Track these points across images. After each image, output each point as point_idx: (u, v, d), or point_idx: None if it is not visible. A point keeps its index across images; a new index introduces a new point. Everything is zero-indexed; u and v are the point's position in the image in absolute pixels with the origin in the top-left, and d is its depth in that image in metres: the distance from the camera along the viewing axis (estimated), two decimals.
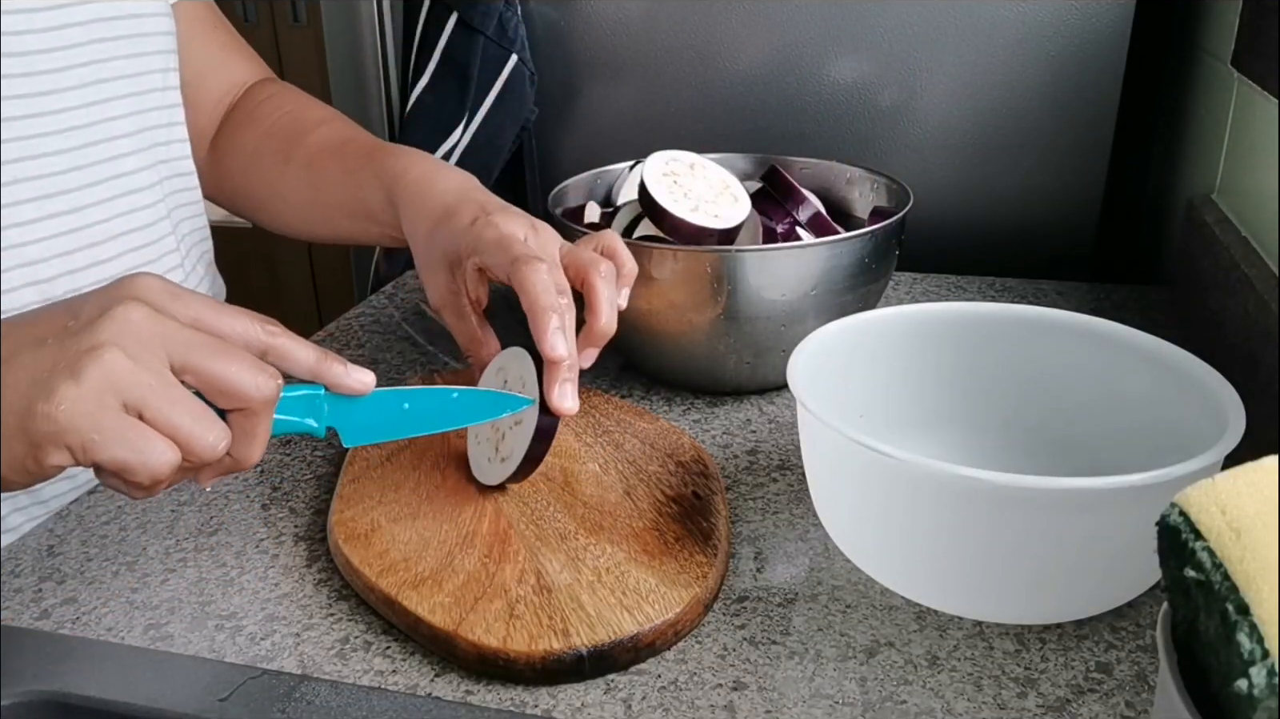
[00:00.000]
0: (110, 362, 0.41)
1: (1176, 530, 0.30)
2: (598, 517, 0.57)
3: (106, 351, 0.41)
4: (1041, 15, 0.94)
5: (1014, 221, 1.02)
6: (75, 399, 0.41)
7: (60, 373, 0.41)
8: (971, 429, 0.63)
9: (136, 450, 0.42)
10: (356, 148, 0.72)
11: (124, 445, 0.42)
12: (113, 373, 0.41)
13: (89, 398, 0.41)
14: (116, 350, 0.42)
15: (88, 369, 0.41)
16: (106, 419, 0.41)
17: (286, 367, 0.47)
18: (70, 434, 0.41)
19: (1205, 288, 0.78)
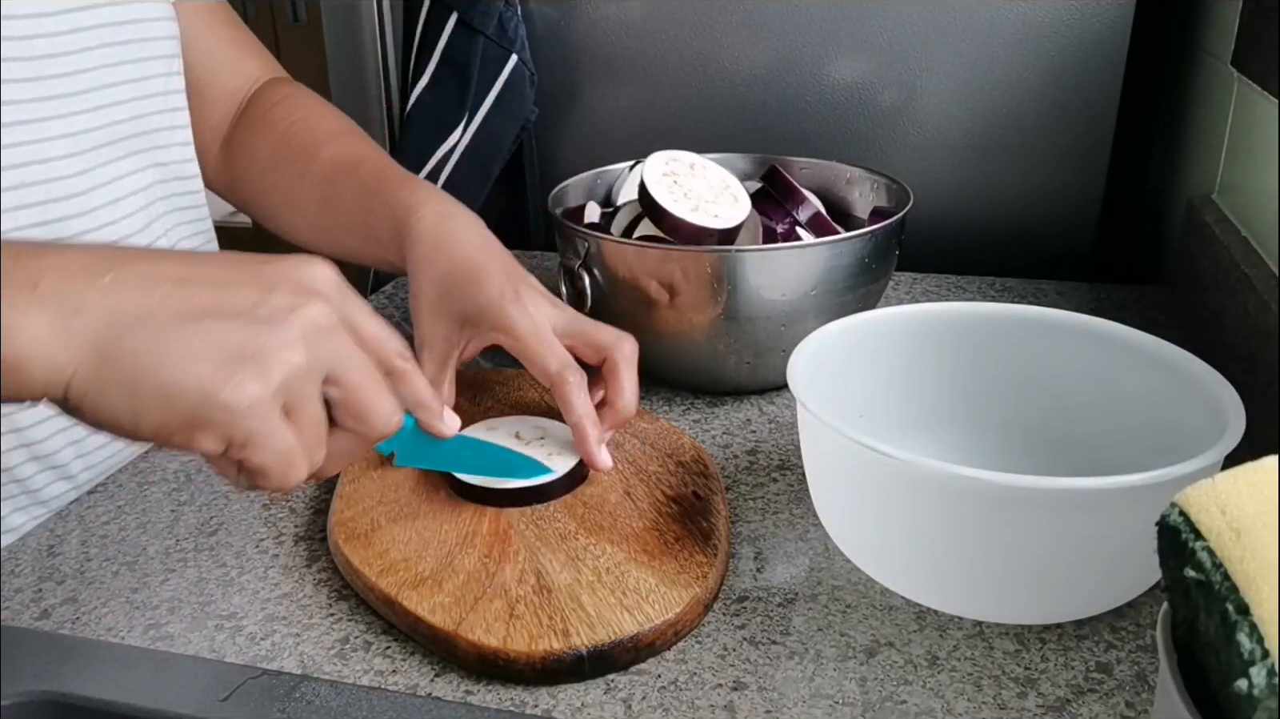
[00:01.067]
0: (295, 367, 0.41)
1: (1176, 530, 0.30)
2: (598, 517, 0.57)
3: (294, 354, 0.41)
4: (1041, 15, 0.94)
5: (1014, 221, 1.02)
6: (259, 399, 0.40)
7: (249, 364, 0.40)
8: (971, 429, 0.63)
9: (286, 463, 0.42)
10: (370, 170, 0.72)
11: (278, 455, 0.41)
12: (294, 379, 0.41)
13: (270, 400, 0.40)
14: (301, 354, 0.41)
15: (276, 370, 0.40)
16: (273, 423, 0.41)
17: (400, 392, 0.48)
18: (240, 430, 0.40)
19: (1205, 288, 0.78)
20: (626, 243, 0.70)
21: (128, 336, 0.39)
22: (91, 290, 0.40)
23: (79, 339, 0.39)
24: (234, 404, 0.39)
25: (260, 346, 0.40)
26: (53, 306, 0.39)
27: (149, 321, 0.40)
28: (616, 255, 0.70)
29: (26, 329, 0.38)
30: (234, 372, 0.40)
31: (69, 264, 0.40)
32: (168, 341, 0.39)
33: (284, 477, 0.42)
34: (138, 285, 0.40)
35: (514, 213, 1.13)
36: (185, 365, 0.39)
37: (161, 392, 0.39)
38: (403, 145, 1.03)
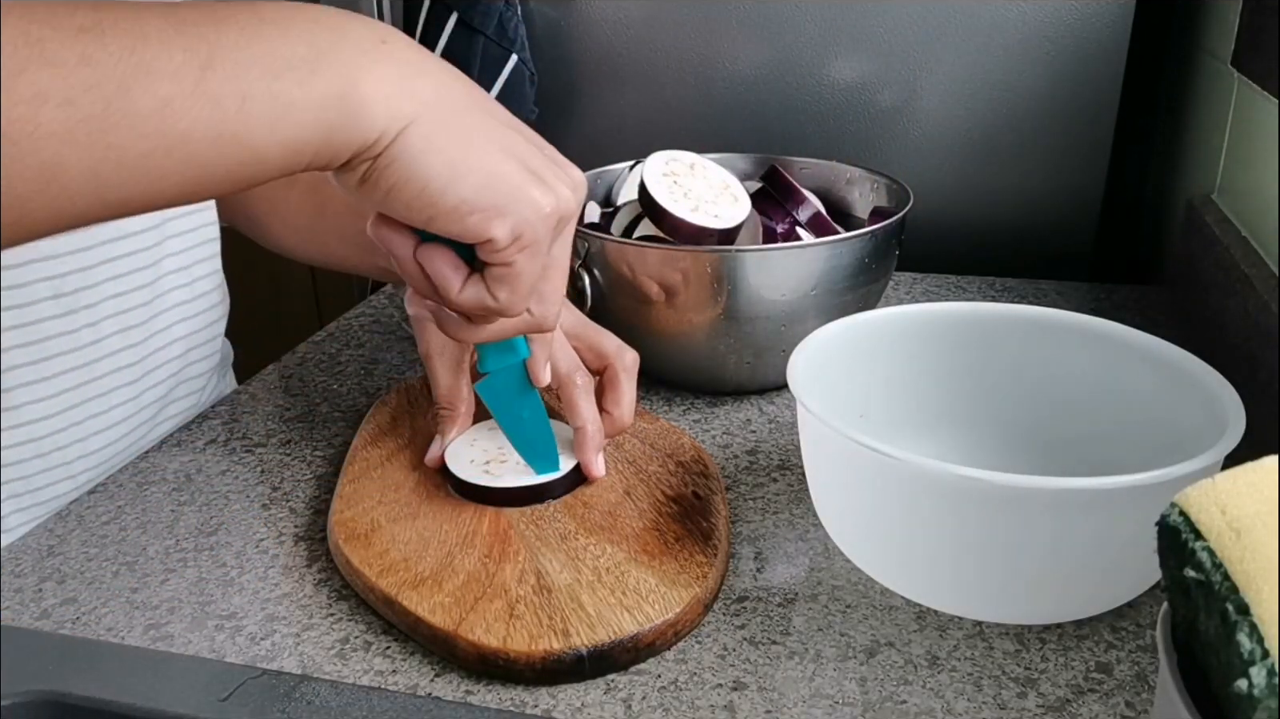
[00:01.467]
0: (568, 209, 0.45)
1: (1176, 530, 0.30)
2: (598, 517, 0.57)
3: (569, 199, 0.45)
4: (1041, 15, 0.94)
5: (1014, 221, 1.02)
6: (553, 211, 0.44)
7: (546, 185, 0.44)
8: (971, 429, 0.63)
9: (530, 286, 0.46)
10: None
11: (533, 274, 0.46)
12: (562, 219, 0.46)
13: (553, 219, 0.45)
14: (571, 206, 0.46)
15: (560, 204, 0.45)
16: (546, 241, 0.45)
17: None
18: (531, 231, 0.44)
19: (1205, 288, 0.78)
20: (626, 243, 0.70)
21: (463, 114, 0.43)
22: (431, 63, 0.43)
23: (420, 98, 0.41)
24: (540, 203, 0.43)
25: (554, 178, 0.45)
26: (400, 63, 0.42)
27: (476, 112, 0.44)
28: (616, 255, 0.70)
29: (375, 74, 0.41)
30: (539, 181, 0.44)
31: (408, 39, 0.43)
32: (492, 132, 0.43)
33: (521, 299, 0.46)
34: (463, 82, 0.44)
35: None
36: (504, 158, 0.43)
37: (484, 170, 0.42)
38: None
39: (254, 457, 0.69)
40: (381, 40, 0.42)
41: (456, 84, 0.44)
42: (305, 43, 0.40)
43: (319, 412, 0.75)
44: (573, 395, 0.59)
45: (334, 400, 0.77)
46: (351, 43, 0.41)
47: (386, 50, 0.41)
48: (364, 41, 0.41)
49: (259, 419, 0.74)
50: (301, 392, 0.78)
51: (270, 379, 0.81)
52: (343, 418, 0.74)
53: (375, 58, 0.41)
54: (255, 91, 0.38)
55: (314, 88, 0.39)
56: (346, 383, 0.80)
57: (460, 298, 0.46)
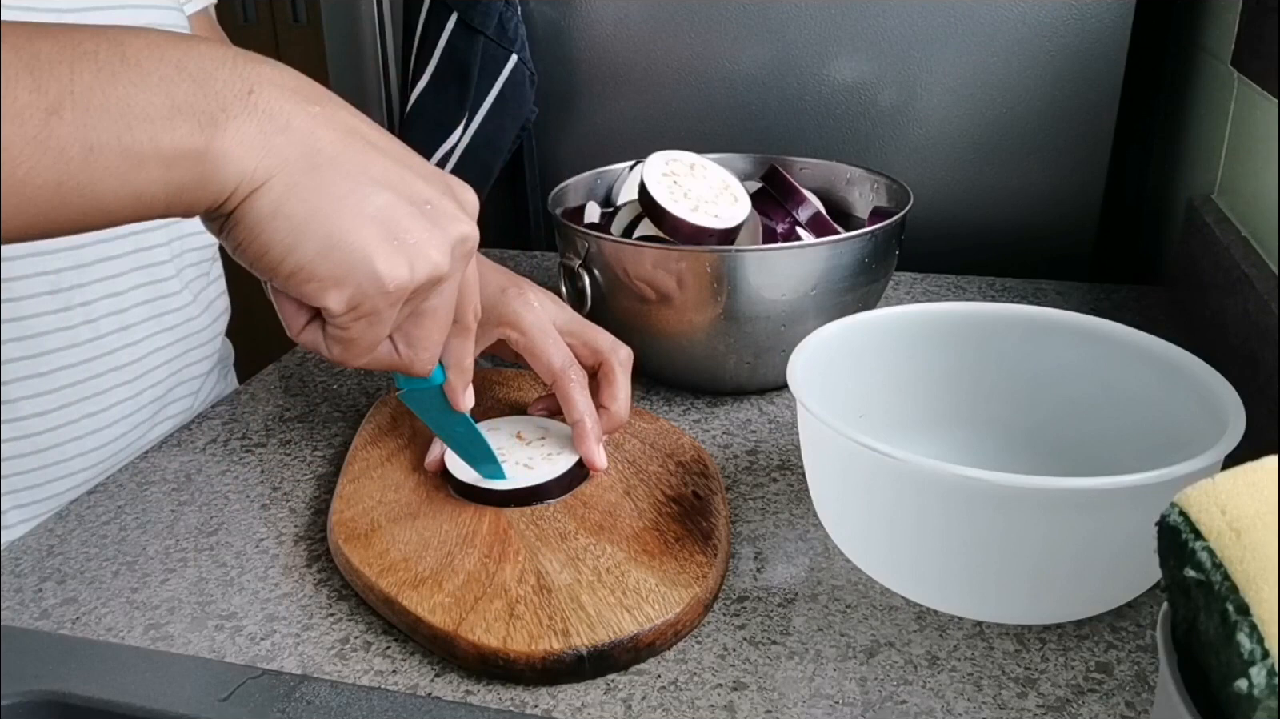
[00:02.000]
0: (436, 272, 0.43)
1: (1176, 530, 0.30)
2: (598, 517, 0.57)
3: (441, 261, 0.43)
4: (1041, 15, 0.94)
5: (1014, 221, 1.02)
6: (403, 285, 0.42)
7: (408, 250, 0.42)
8: (971, 429, 0.63)
9: (372, 348, 0.44)
10: None
11: (375, 340, 0.44)
12: (427, 283, 0.43)
13: (408, 290, 0.42)
14: (445, 265, 0.43)
15: (423, 267, 0.42)
16: (394, 311, 0.43)
17: (452, 343, 0.51)
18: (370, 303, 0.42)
19: (1205, 288, 0.78)
20: (626, 243, 0.70)
21: (322, 171, 0.40)
22: (300, 115, 0.40)
23: (275, 156, 0.39)
24: (382, 277, 0.41)
25: (421, 240, 0.42)
26: (263, 117, 0.39)
27: (340, 168, 0.41)
28: (616, 255, 0.70)
29: (235, 131, 0.39)
30: (394, 250, 0.41)
31: (285, 81, 0.41)
32: (350, 194, 0.41)
33: (354, 360, 0.44)
34: (339, 129, 0.41)
35: (514, 213, 1.13)
36: (357, 224, 0.41)
37: (328, 237, 0.40)
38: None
39: (254, 457, 0.69)
40: (248, 91, 0.39)
41: (327, 134, 0.41)
42: (163, 92, 0.38)
43: (319, 412, 0.75)
44: (567, 390, 0.59)
45: (334, 400, 0.77)
46: (213, 95, 0.38)
47: (251, 103, 0.39)
48: (226, 93, 0.39)
49: (259, 419, 0.74)
50: (301, 392, 0.78)
51: (270, 379, 0.81)
52: (343, 418, 0.74)
53: (234, 112, 0.39)
54: (103, 143, 0.36)
55: (165, 144, 0.37)
56: (346, 383, 0.80)
57: (299, 338, 0.45)
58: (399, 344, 0.46)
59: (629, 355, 0.63)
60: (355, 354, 0.44)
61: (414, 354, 0.47)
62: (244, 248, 0.40)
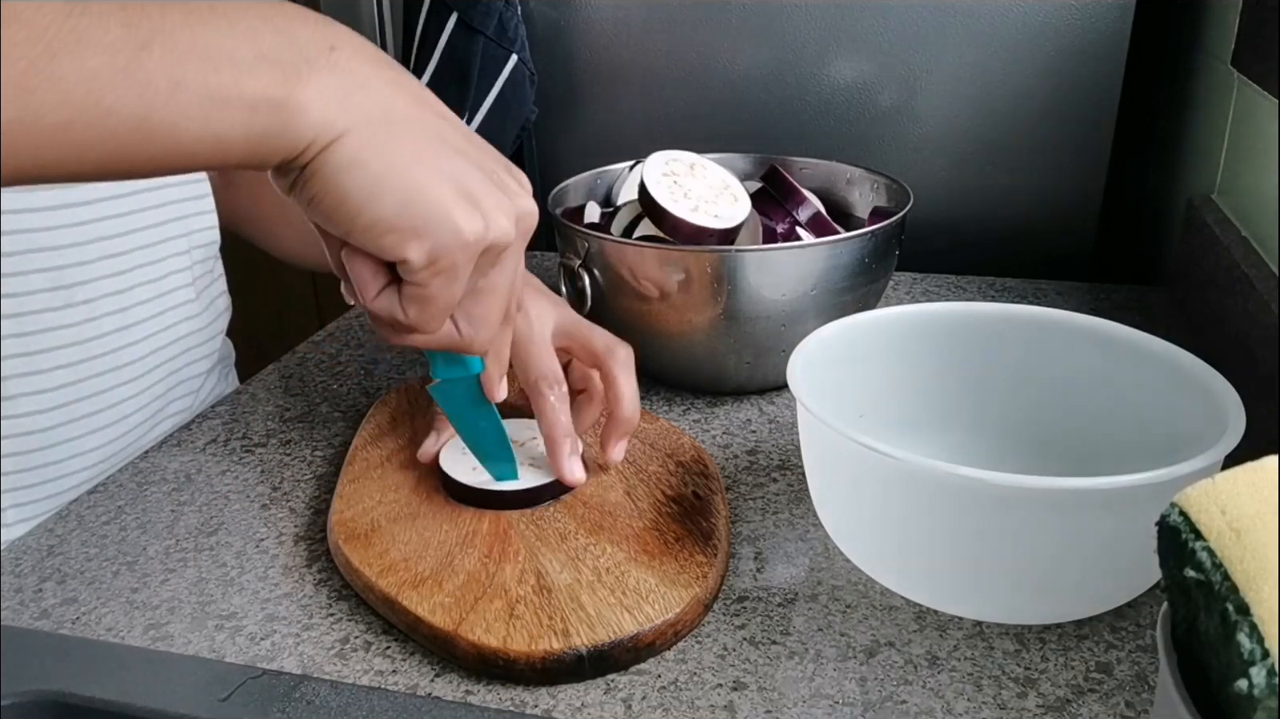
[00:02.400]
0: (504, 236, 0.44)
1: (1176, 530, 0.30)
2: (598, 517, 0.57)
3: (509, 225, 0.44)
4: (1041, 15, 0.94)
5: (1014, 222, 1.02)
6: (478, 239, 0.42)
7: (479, 209, 0.42)
8: (971, 429, 0.63)
9: (446, 309, 0.45)
10: None
11: (451, 299, 0.44)
12: (496, 245, 0.44)
13: (480, 247, 0.43)
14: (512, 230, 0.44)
15: (494, 229, 0.43)
16: (468, 268, 0.43)
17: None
18: (448, 257, 0.42)
19: (1205, 288, 0.78)
20: (626, 243, 0.70)
21: (397, 130, 0.41)
22: (377, 78, 0.42)
23: (356, 112, 0.40)
24: (462, 230, 0.42)
25: (491, 203, 0.43)
26: (343, 74, 0.41)
27: (416, 129, 0.42)
28: (616, 255, 0.70)
29: (317, 83, 0.40)
30: (471, 207, 0.42)
31: (363, 46, 0.42)
32: (426, 151, 0.42)
33: (428, 323, 0.45)
34: (412, 96, 0.43)
35: None
36: (435, 178, 0.41)
37: (406, 190, 0.41)
38: None
39: (254, 457, 0.69)
40: (330, 47, 0.41)
41: (402, 98, 0.42)
42: (250, 41, 0.39)
43: (319, 412, 0.75)
44: (537, 403, 0.59)
45: (334, 400, 0.77)
46: (297, 48, 0.40)
47: (332, 59, 0.40)
48: (310, 48, 0.40)
49: (259, 419, 0.74)
50: (301, 392, 0.78)
51: (270, 379, 0.81)
52: (343, 418, 0.74)
53: (317, 66, 0.40)
54: (189, 81, 0.37)
55: (250, 89, 0.38)
56: (346, 383, 0.80)
57: (373, 305, 0.45)
58: (460, 322, 0.47)
59: (628, 354, 0.62)
60: (431, 315, 0.44)
61: (474, 331, 0.47)
62: (320, 200, 0.41)
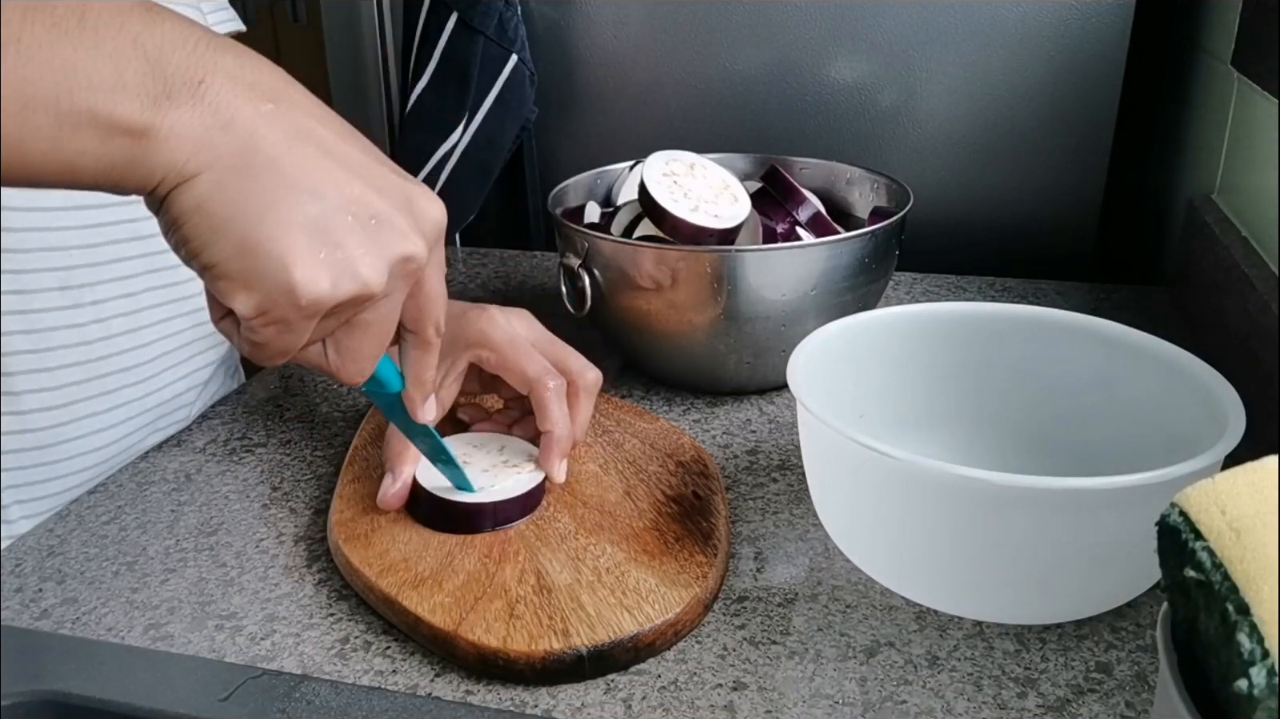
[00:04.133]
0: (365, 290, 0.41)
1: (1176, 530, 0.30)
2: (598, 517, 0.57)
3: (373, 278, 0.41)
4: (1041, 15, 0.94)
5: (1014, 221, 1.02)
6: (320, 300, 0.40)
7: (335, 263, 0.40)
8: (971, 429, 0.63)
9: (283, 354, 0.42)
10: None
11: (286, 348, 0.42)
12: (354, 299, 0.42)
13: (326, 306, 0.41)
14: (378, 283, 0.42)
15: (349, 283, 0.41)
16: (308, 324, 0.41)
17: (410, 355, 0.49)
18: (280, 311, 0.40)
19: (1205, 288, 0.78)
20: (626, 243, 0.70)
21: (254, 174, 0.39)
22: (248, 112, 0.39)
23: (212, 151, 0.38)
24: (297, 288, 0.39)
25: (353, 255, 0.40)
26: (208, 110, 0.38)
27: (276, 171, 0.39)
28: (616, 255, 0.70)
29: (176, 119, 0.38)
30: (318, 263, 0.39)
31: (243, 75, 0.39)
32: (280, 200, 0.39)
33: (267, 361, 0.43)
34: (287, 131, 0.40)
35: (514, 213, 1.13)
36: (281, 231, 0.39)
37: (244, 240, 0.39)
38: (403, 145, 1.03)
39: (254, 457, 0.69)
40: (199, 80, 0.38)
41: (270, 134, 0.39)
42: (113, 65, 0.36)
43: (319, 412, 0.75)
44: (543, 398, 0.58)
45: (334, 400, 0.77)
46: (163, 78, 0.37)
47: (200, 92, 0.38)
48: (177, 79, 0.38)
49: (259, 419, 0.74)
50: (301, 392, 0.78)
51: (270, 379, 0.81)
52: (343, 418, 0.74)
53: (181, 100, 0.38)
54: (41, 100, 0.36)
55: (104, 115, 0.36)
56: None
57: (217, 326, 0.44)
58: (329, 350, 0.45)
59: (597, 379, 0.62)
60: (265, 357, 0.43)
61: (342, 363, 0.45)
62: (168, 234, 0.40)
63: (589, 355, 0.63)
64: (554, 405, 0.58)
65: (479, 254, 1.08)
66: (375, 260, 0.41)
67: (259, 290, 0.39)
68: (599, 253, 0.71)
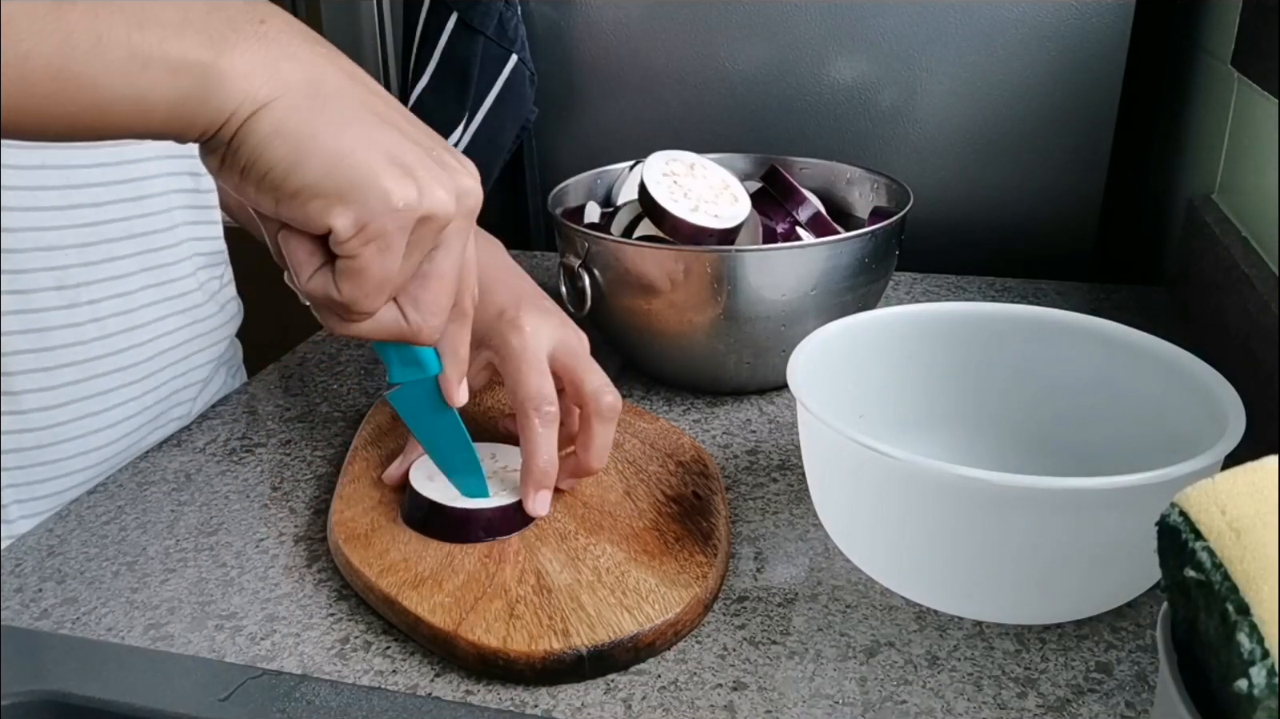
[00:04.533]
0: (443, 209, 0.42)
1: (1176, 530, 0.30)
2: (598, 517, 0.57)
3: (447, 200, 0.42)
4: (1041, 15, 0.94)
5: (1014, 221, 1.02)
6: (410, 205, 0.41)
7: (414, 179, 0.41)
8: (971, 429, 0.63)
9: (380, 285, 0.43)
10: None
11: (383, 272, 0.42)
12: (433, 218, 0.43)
13: (415, 214, 0.41)
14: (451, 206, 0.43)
15: (429, 200, 0.42)
16: (401, 239, 0.42)
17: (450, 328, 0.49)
18: (378, 224, 0.41)
19: (1205, 288, 0.78)
20: (626, 243, 0.70)
21: (326, 99, 0.41)
22: (307, 50, 0.41)
23: (281, 81, 0.40)
24: (391, 195, 0.40)
25: (427, 176, 0.42)
26: (272, 44, 0.40)
27: (346, 99, 0.41)
28: (616, 255, 0.70)
29: (243, 51, 0.39)
30: (402, 174, 0.41)
31: (291, 22, 0.42)
32: (356, 120, 0.41)
33: (363, 300, 0.43)
34: (344, 70, 0.42)
35: (514, 213, 1.13)
36: (364, 145, 0.41)
37: (332, 154, 0.40)
38: None
39: (254, 457, 0.69)
40: (259, 20, 0.40)
41: (331, 70, 0.41)
42: (178, 5, 0.38)
43: (319, 412, 0.75)
44: (524, 425, 0.55)
45: (334, 400, 0.77)
46: (224, 17, 0.39)
47: (261, 30, 0.40)
48: (238, 18, 0.40)
49: (259, 419, 0.74)
50: (301, 392, 0.78)
51: (270, 379, 0.81)
52: (343, 418, 0.74)
53: (245, 35, 0.39)
54: (113, 37, 0.37)
55: (174, 50, 0.38)
56: (346, 383, 0.80)
57: (308, 286, 0.44)
58: (405, 308, 0.45)
59: (614, 404, 0.57)
60: (366, 291, 0.43)
61: (421, 319, 0.46)
62: (247, 172, 0.40)
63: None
64: (536, 434, 0.55)
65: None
66: (443, 185, 0.42)
67: (355, 202, 0.40)
68: (599, 253, 0.71)
